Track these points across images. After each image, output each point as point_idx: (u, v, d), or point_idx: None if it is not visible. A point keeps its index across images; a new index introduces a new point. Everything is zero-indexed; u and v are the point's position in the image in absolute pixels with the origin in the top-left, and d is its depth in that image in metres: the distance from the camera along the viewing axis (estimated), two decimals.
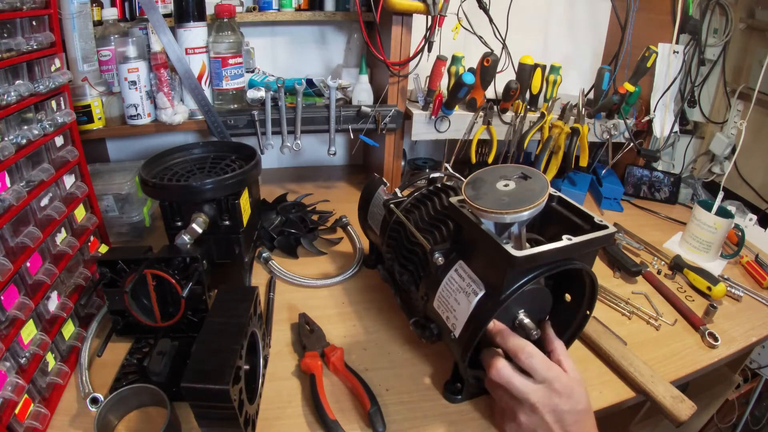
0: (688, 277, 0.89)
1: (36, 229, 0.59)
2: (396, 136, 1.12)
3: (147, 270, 0.64)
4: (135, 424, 0.58)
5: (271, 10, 1.07)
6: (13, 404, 0.50)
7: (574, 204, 0.60)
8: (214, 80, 1.00)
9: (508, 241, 0.51)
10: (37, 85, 0.61)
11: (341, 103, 1.09)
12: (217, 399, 0.48)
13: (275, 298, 0.81)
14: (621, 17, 1.15)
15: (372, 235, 0.84)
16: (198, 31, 0.95)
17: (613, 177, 1.25)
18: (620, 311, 0.81)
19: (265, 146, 1.03)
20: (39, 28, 0.62)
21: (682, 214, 1.15)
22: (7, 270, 0.52)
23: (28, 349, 0.55)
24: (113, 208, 0.91)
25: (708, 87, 1.28)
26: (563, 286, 0.63)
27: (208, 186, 0.70)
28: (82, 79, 0.88)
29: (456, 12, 1.01)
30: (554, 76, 1.09)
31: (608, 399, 0.64)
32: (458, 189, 0.68)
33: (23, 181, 0.59)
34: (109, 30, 0.94)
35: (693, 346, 0.74)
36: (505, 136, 1.12)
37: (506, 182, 0.51)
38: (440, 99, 1.04)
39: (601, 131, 1.16)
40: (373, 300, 0.81)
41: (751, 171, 1.22)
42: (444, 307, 0.58)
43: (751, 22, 1.18)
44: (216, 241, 0.75)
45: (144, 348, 0.68)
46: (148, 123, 0.97)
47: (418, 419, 0.60)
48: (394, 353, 0.70)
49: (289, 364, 0.67)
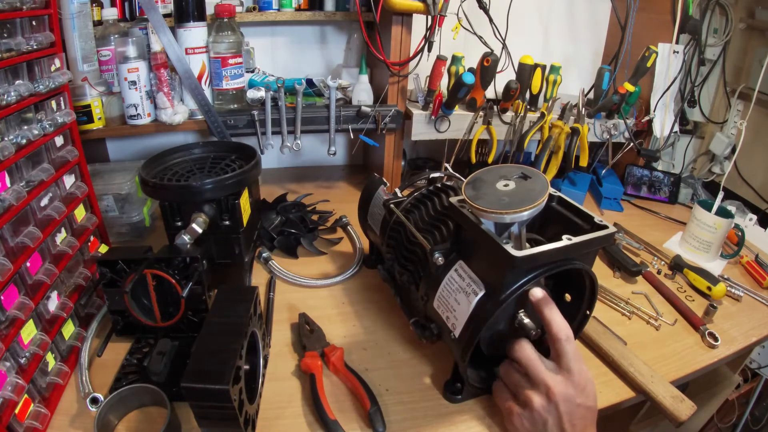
0: (688, 277, 0.89)
1: (36, 229, 0.59)
2: (396, 136, 1.12)
3: (147, 270, 0.64)
4: (135, 424, 0.58)
5: (271, 10, 1.07)
6: (13, 404, 0.50)
7: (574, 204, 0.60)
8: (214, 80, 1.00)
9: (508, 241, 0.51)
10: (37, 85, 0.61)
11: (341, 103, 1.09)
12: (217, 399, 0.48)
13: (275, 298, 0.81)
14: (621, 17, 1.15)
15: (372, 235, 0.84)
16: (198, 31, 0.95)
17: (613, 177, 1.25)
18: (620, 311, 0.81)
19: (265, 146, 1.03)
20: (39, 28, 0.62)
21: (682, 214, 1.15)
22: (7, 270, 0.52)
23: (28, 349, 0.55)
24: (113, 208, 0.91)
25: (708, 87, 1.28)
26: (563, 286, 0.63)
27: (208, 186, 0.70)
28: (82, 79, 0.88)
29: (456, 12, 1.01)
30: (554, 76, 1.09)
31: (608, 399, 0.64)
32: (458, 189, 0.68)
33: (23, 181, 0.59)
34: (109, 30, 0.94)
35: (693, 346, 0.74)
36: (505, 136, 1.12)
37: (506, 182, 0.51)
38: (440, 99, 1.04)
39: (601, 131, 1.16)
40: (373, 300, 0.81)
41: (751, 171, 1.22)
42: (444, 307, 0.58)
43: (751, 22, 1.18)
44: (216, 241, 0.75)
45: (144, 348, 0.68)
46: (148, 123, 0.97)
47: (418, 419, 0.60)
48: (394, 353, 0.70)
49: (289, 364, 0.67)
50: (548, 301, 0.53)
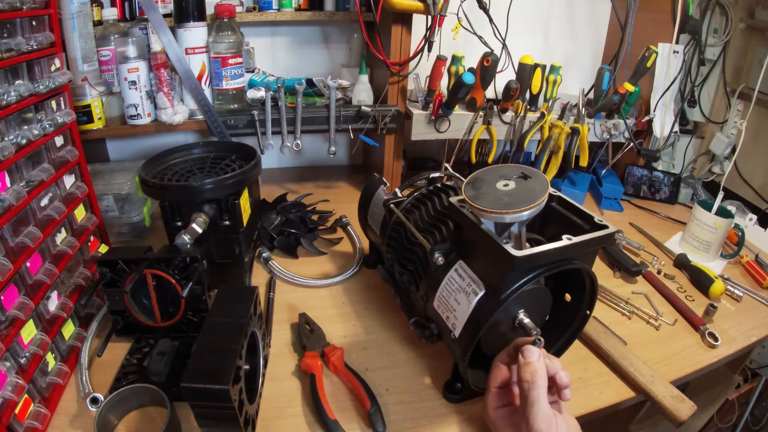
0: (688, 276, 0.89)
1: (36, 229, 0.59)
2: (396, 136, 1.12)
3: (147, 270, 0.64)
4: (135, 424, 0.58)
5: (271, 10, 1.07)
6: (13, 404, 0.50)
7: (574, 204, 0.60)
8: (214, 80, 1.00)
9: (508, 241, 0.51)
10: (37, 85, 0.61)
11: (341, 103, 1.09)
12: (217, 399, 0.48)
13: (275, 298, 0.81)
14: (621, 17, 1.15)
15: (372, 235, 0.84)
16: (198, 31, 0.95)
17: (613, 177, 1.25)
18: (620, 311, 0.81)
19: (265, 146, 1.03)
20: (39, 28, 0.62)
21: (682, 214, 1.15)
22: (7, 270, 0.52)
23: (28, 349, 0.55)
24: (113, 208, 0.90)
25: (708, 87, 1.28)
26: (563, 286, 0.63)
27: (208, 186, 0.70)
28: (82, 79, 0.88)
29: (456, 12, 1.01)
30: (554, 76, 1.09)
31: (608, 399, 0.64)
32: (458, 189, 0.68)
33: (23, 181, 0.59)
34: (109, 30, 0.94)
35: (693, 346, 0.74)
36: (505, 136, 1.12)
37: (506, 182, 0.51)
38: (440, 99, 1.04)
39: (601, 131, 1.16)
40: (373, 300, 0.81)
41: (751, 171, 1.22)
42: (444, 307, 0.58)
43: (751, 22, 1.18)
44: (216, 241, 0.75)
45: (144, 348, 0.68)
46: (148, 123, 0.97)
47: (418, 419, 0.60)
48: (394, 353, 0.70)
49: (289, 364, 0.67)
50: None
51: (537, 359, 0.50)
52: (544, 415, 0.47)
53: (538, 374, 0.49)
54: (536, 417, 0.47)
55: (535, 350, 0.51)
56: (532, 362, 0.50)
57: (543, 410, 0.47)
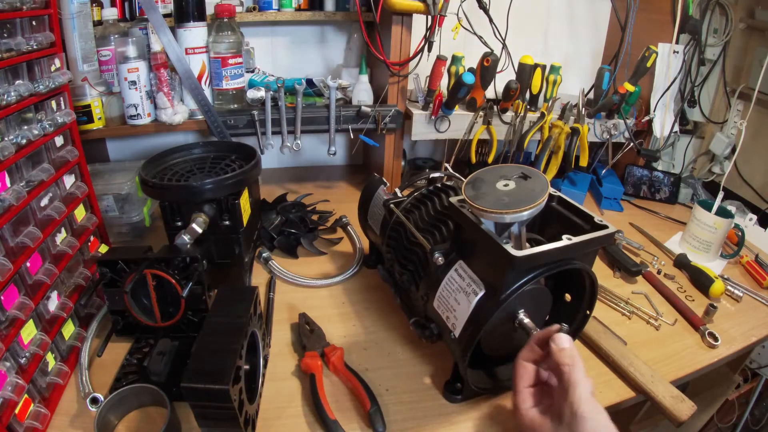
0: (688, 276, 0.89)
1: (36, 229, 0.59)
2: (396, 136, 1.12)
3: (147, 270, 0.64)
4: (135, 424, 0.58)
5: (271, 10, 1.07)
6: (13, 404, 0.50)
7: (574, 204, 0.60)
8: (214, 80, 1.00)
9: (508, 241, 0.51)
10: (37, 85, 0.61)
11: (341, 103, 1.09)
12: (217, 399, 0.48)
13: (275, 298, 0.81)
14: (621, 17, 1.15)
15: (372, 235, 0.84)
16: (198, 31, 0.95)
17: (613, 177, 1.25)
18: (620, 311, 0.81)
19: (265, 146, 1.03)
20: (39, 28, 0.62)
21: (682, 214, 1.15)
22: (7, 270, 0.52)
23: (28, 349, 0.55)
24: (113, 208, 0.90)
25: (708, 87, 1.28)
26: (563, 286, 0.63)
27: (208, 186, 0.70)
28: (82, 79, 0.88)
29: (456, 12, 1.01)
30: (554, 76, 1.09)
31: (608, 399, 0.64)
32: (458, 189, 0.68)
33: (23, 181, 0.59)
34: (109, 30, 0.94)
35: (693, 346, 0.74)
36: (505, 136, 1.12)
37: (506, 182, 0.51)
38: (440, 99, 1.04)
39: (601, 131, 1.16)
40: (373, 300, 0.81)
41: (751, 171, 1.22)
42: (444, 307, 0.58)
43: (751, 22, 1.18)
44: (216, 241, 0.75)
45: (144, 348, 0.68)
46: (148, 123, 0.97)
47: (418, 419, 0.60)
48: (394, 353, 0.70)
49: (289, 364, 0.67)
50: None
51: (570, 344, 0.50)
52: (587, 397, 0.48)
53: (576, 357, 0.49)
54: (580, 400, 0.47)
55: (565, 336, 0.51)
56: (568, 347, 0.50)
57: (586, 391, 0.48)
